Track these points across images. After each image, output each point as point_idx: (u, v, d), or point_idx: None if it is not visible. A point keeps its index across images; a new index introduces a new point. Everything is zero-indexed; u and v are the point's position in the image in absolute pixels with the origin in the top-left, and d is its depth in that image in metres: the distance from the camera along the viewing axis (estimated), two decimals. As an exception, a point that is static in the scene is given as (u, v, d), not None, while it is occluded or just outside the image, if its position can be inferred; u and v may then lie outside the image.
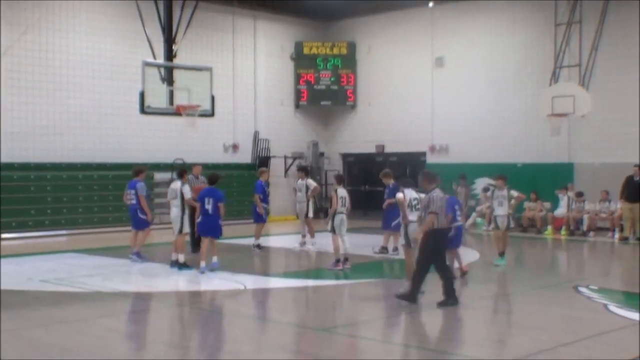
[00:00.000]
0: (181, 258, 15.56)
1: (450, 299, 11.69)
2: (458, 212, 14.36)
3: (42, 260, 17.33)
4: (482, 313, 12.02)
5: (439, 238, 11.77)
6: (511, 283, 14.67)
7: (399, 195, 12.97)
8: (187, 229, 15.93)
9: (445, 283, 11.76)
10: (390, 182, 17.19)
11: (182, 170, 16.35)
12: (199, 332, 10.84)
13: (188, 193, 15.62)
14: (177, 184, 15.79)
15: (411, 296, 11.74)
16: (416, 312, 11.68)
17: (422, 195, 13.69)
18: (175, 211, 15.68)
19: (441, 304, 11.63)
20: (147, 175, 18.70)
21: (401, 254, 17.60)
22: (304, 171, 19.79)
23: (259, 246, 18.68)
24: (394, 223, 16.42)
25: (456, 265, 14.29)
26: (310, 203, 19.23)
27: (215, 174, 15.76)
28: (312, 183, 19.26)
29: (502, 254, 16.32)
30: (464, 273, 14.31)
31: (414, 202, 12.82)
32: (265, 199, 18.85)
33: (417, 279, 11.78)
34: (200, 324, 11.25)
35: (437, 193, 11.87)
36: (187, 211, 15.67)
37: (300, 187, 19.20)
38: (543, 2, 24.78)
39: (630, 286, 14.68)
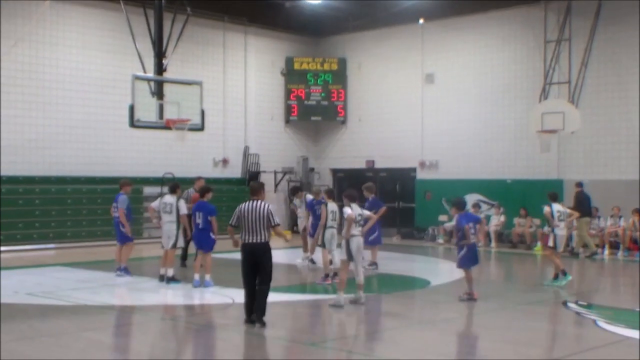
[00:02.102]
0: (170, 272, 15.47)
1: (258, 319, 11.10)
2: (472, 229, 13.65)
3: (29, 273, 17.21)
4: (472, 329, 11.98)
5: (247, 252, 11.16)
6: (500, 299, 14.61)
7: (348, 211, 12.93)
8: (181, 243, 15.89)
9: (257, 301, 11.15)
10: (371, 195, 17.40)
11: (175, 184, 16.21)
12: (185, 346, 10.76)
13: (184, 208, 15.52)
14: (171, 198, 15.68)
15: (247, 317, 11.26)
16: (401, 327, 11.62)
17: (366, 212, 13.60)
18: (169, 225, 15.58)
19: (246, 322, 11.22)
20: (136, 190, 18.59)
21: (381, 269, 17.71)
22: (299, 191, 20.14)
23: (312, 261, 18.62)
24: (370, 238, 16.96)
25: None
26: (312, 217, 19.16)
27: (204, 186, 15.69)
28: (310, 197, 19.21)
29: (563, 272, 15.64)
30: (470, 297, 13.63)
31: (358, 218, 13.01)
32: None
33: (245, 298, 11.34)
34: (187, 337, 11.16)
35: (248, 205, 11.23)
36: (181, 226, 15.62)
37: (300, 204, 19.32)
38: (533, 19, 24.93)
39: (619, 302, 14.69)
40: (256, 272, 11.18)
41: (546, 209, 15.86)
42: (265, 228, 11.17)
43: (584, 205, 21.51)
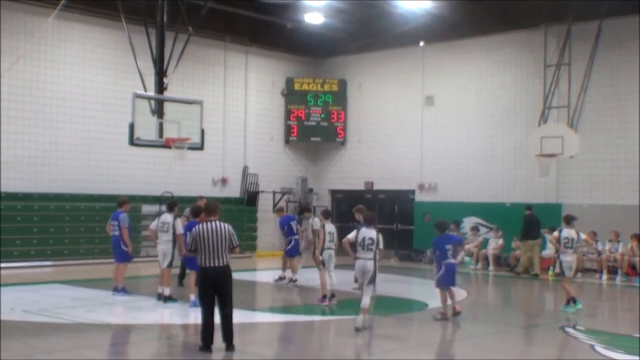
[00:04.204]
0: (167, 291, 15.45)
1: (229, 344, 10.79)
2: (449, 251, 14.06)
3: (26, 290, 17.13)
4: (469, 352, 11.93)
5: (209, 277, 10.70)
6: (498, 322, 14.58)
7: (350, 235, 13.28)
8: (177, 262, 15.86)
9: (225, 327, 10.80)
10: (362, 217, 17.36)
11: (172, 202, 16.23)
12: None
13: (180, 228, 15.50)
14: (168, 217, 15.70)
15: (203, 345, 10.81)
16: (398, 350, 11.57)
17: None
18: (166, 244, 15.60)
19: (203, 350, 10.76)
20: (134, 208, 18.57)
21: (378, 291, 17.65)
22: (305, 211, 20.01)
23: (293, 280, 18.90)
24: None
25: (448, 302, 14.17)
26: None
27: (195, 206, 15.67)
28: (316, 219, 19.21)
29: (573, 300, 15.35)
30: (456, 313, 14.04)
31: (368, 241, 13.03)
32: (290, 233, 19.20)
33: (203, 325, 10.89)
34: (183, 357, 11.11)
35: (206, 227, 10.83)
36: (177, 244, 15.59)
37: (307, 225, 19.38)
38: (533, 43, 25.01)
39: (618, 327, 14.64)
40: (215, 297, 10.77)
41: (554, 234, 15.70)
42: (226, 250, 10.77)
43: (532, 229, 22.81)
